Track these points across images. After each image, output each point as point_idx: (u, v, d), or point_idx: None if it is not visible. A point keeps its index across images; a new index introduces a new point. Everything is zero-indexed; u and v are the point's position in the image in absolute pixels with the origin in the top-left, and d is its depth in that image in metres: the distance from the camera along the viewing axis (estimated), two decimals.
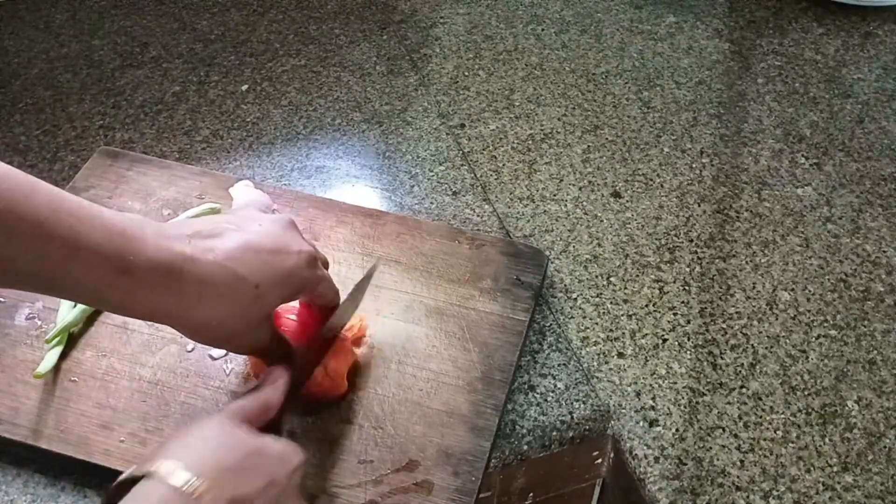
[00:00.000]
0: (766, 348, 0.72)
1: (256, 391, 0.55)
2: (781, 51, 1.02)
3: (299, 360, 0.58)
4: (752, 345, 0.73)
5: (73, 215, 0.46)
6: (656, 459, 0.65)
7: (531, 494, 0.72)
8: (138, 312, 0.51)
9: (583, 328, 0.73)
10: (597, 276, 0.77)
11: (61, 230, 0.46)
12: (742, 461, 0.65)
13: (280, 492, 0.49)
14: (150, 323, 0.69)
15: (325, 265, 0.61)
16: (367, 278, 0.66)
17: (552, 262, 0.78)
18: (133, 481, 0.46)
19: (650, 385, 0.70)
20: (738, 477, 0.64)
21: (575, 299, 0.76)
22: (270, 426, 0.54)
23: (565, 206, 0.83)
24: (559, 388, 0.69)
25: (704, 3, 1.09)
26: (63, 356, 0.66)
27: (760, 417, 0.68)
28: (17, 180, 0.45)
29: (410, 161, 0.87)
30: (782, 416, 0.68)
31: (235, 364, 0.67)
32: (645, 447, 0.66)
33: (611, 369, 0.71)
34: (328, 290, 0.60)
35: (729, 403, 0.69)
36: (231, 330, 0.54)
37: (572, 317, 0.74)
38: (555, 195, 0.84)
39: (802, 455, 0.66)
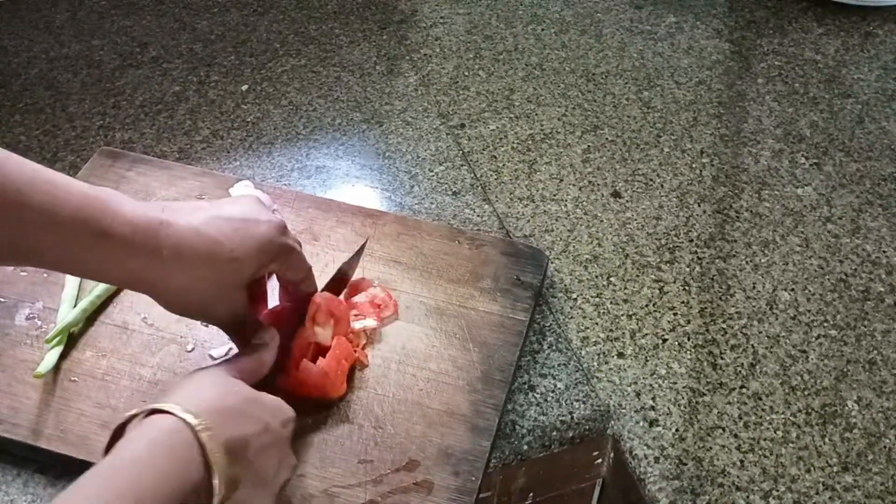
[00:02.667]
0: (766, 348, 0.72)
1: (249, 350, 0.57)
2: (781, 51, 1.02)
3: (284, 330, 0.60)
4: (752, 345, 0.73)
5: (49, 182, 0.48)
6: (656, 459, 0.65)
7: (531, 494, 0.72)
8: (117, 278, 0.52)
9: (583, 328, 0.73)
10: (597, 276, 0.77)
11: (39, 196, 0.47)
12: (742, 461, 0.65)
13: (274, 439, 0.52)
14: (150, 323, 0.69)
15: (298, 242, 0.62)
16: (357, 254, 0.69)
17: (552, 262, 0.78)
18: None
19: (650, 385, 0.70)
20: (738, 477, 0.64)
21: (575, 299, 0.76)
22: (262, 386, 0.55)
23: (565, 206, 0.84)
24: (559, 388, 0.69)
25: (704, 3, 1.09)
26: (63, 356, 0.66)
27: (760, 417, 0.68)
28: None
29: (410, 161, 0.87)
30: (782, 416, 0.68)
31: None
32: (645, 447, 0.66)
33: (611, 369, 0.71)
34: (300, 261, 0.61)
35: (729, 403, 0.69)
36: (207, 297, 0.55)
37: (572, 317, 0.74)
38: (555, 195, 0.84)
39: (802, 455, 0.66)
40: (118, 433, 0.48)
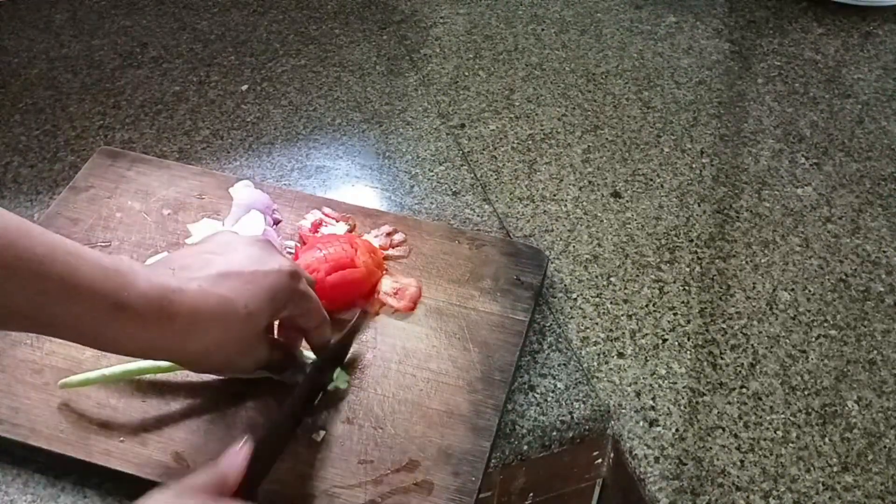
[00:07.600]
0: (766, 348, 0.72)
1: (213, 466, 0.53)
2: (781, 51, 1.02)
3: (266, 439, 0.57)
4: (752, 345, 0.73)
5: (69, 253, 0.48)
6: (656, 459, 0.65)
7: (531, 494, 0.72)
8: (135, 350, 0.52)
9: (583, 328, 0.73)
10: (597, 276, 0.77)
11: (59, 267, 0.47)
12: (742, 461, 0.65)
13: None
14: None
15: (312, 285, 0.61)
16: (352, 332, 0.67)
17: (552, 262, 0.78)
18: None
19: (650, 385, 0.70)
20: (738, 477, 0.64)
21: (575, 299, 0.76)
22: None
23: (565, 206, 0.84)
24: (559, 388, 0.69)
25: (704, 3, 1.09)
26: (63, 356, 0.66)
27: (760, 417, 0.68)
28: (12, 221, 0.47)
29: (410, 161, 0.87)
30: (782, 416, 0.68)
31: None
32: (645, 447, 0.66)
33: (611, 369, 0.71)
34: (314, 308, 0.60)
35: (729, 403, 0.69)
36: (228, 355, 0.55)
37: (572, 317, 0.74)
38: (555, 195, 0.84)
39: (802, 455, 0.66)
40: None
